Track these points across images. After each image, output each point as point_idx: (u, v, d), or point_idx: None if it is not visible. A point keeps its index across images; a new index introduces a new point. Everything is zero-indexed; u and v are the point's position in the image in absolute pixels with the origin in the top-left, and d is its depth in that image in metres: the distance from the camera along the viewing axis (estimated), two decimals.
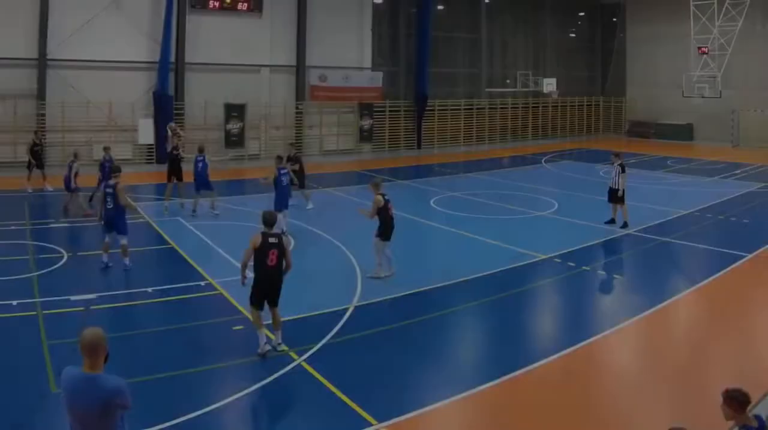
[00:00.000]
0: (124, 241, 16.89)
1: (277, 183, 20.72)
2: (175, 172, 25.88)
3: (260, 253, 11.86)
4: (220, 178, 31.03)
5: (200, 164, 23.67)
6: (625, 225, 22.51)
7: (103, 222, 17.46)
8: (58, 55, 35.60)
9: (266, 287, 11.99)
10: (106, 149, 25.26)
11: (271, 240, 11.93)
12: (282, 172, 20.93)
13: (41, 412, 9.72)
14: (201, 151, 23.97)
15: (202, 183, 23.83)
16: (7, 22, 34.11)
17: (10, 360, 11.48)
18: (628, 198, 22.95)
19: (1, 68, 33.80)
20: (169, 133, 27.67)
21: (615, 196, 22.70)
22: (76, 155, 24.60)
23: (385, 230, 16.53)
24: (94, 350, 5.92)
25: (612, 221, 22.86)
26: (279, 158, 21.80)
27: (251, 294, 12.06)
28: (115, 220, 16.94)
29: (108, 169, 20.06)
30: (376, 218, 16.57)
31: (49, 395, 9.98)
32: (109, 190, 16.96)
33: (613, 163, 23.07)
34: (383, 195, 16.69)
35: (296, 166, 24.85)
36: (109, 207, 16.93)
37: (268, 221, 12.14)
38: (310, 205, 24.99)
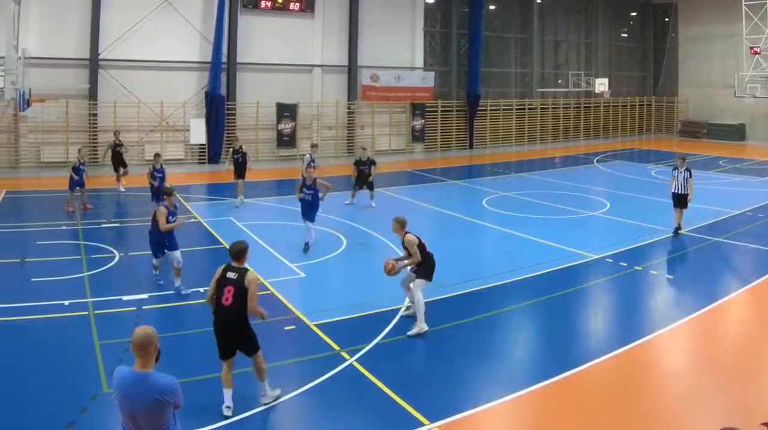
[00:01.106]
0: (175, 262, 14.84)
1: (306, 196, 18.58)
2: (239, 170, 25.38)
3: (218, 288, 9.56)
4: (271, 178, 30.62)
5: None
6: (678, 228, 20.94)
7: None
8: (110, 55, 34.15)
9: (222, 330, 9.52)
10: (156, 157, 23.05)
11: (230, 275, 9.50)
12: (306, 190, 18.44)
13: (93, 412, 9.32)
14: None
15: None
16: (59, 23, 32.83)
17: (62, 360, 11.08)
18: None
19: (53, 68, 32.31)
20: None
21: (683, 201, 20.80)
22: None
23: (429, 268, 12.90)
24: (145, 349, 5.79)
25: (678, 229, 20.88)
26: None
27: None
28: (163, 239, 14.85)
29: (160, 179, 20.60)
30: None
31: (101, 395, 9.68)
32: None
33: (678, 168, 20.98)
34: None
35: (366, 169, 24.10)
36: (150, 230, 15.06)
37: (232, 251, 9.79)
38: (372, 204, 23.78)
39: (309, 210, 18.44)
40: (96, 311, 13.17)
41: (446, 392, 10.13)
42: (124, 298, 13.92)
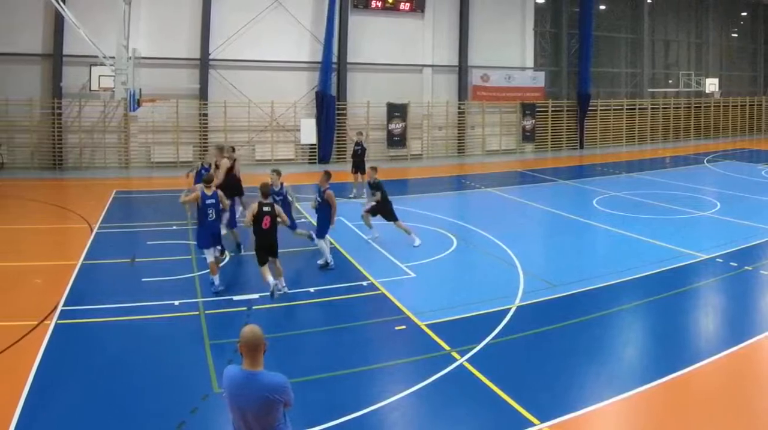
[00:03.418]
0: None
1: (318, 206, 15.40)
2: (358, 166, 23.75)
3: (257, 219, 12.50)
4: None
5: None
6: None
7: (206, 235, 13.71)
8: (220, 55, 30.43)
9: (265, 246, 12.69)
10: (275, 172, 16.51)
11: (265, 209, 12.60)
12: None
13: (204, 412, 8.43)
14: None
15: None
16: (169, 23, 29.50)
17: (172, 360, 10.14)
18: None
19: (163, 69, 28.65)
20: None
21: None
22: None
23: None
24: (254, 348, 5.27)
25: None
26: (327, 174, 15.28)
27: (256, 255, 12.81)
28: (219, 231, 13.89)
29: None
30: None
31: (212, 395, 8.80)
32: (213, 200, 13.58)
33: None
34: None
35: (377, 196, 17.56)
36: (212, 219, 13.54)
37: (263, 191, 12.78)
38: (417, 242, 17.01)
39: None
40: (206, 311, 12.10)
41: (556, 392, 9.18)
42: (235, 298, 12.81)
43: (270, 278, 12.66)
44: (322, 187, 14.83)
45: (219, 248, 13.57)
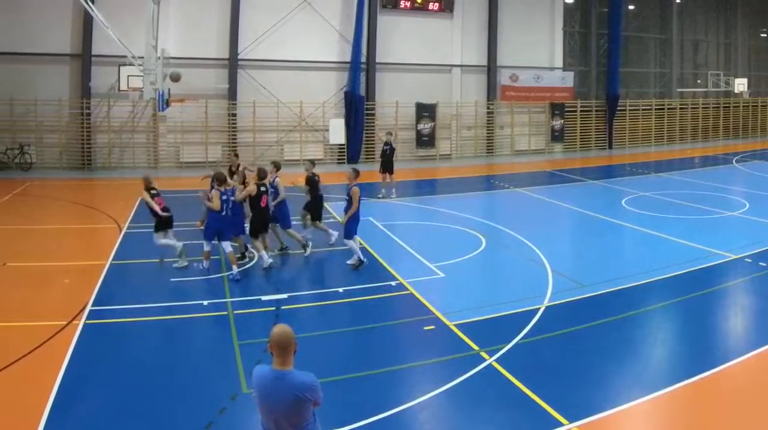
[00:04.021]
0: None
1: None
2: (386, 166, 23.07)
3: (256, 198, 13.83)
4: (410, 178, 27.11)
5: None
6: None
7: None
8: (249, 55, 29.45)
9: (261, 221, 13.95)
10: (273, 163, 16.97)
11: (262, 189, 13.96)
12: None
13: (232, 412, 8.14)
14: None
15: None
16: (198, 23, 28.64)
17: (201, 360, 9.89)
18: None
19: (193, 68, 27.51)
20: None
21: None
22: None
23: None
24: (284, 347, 5.10)
25: None
26: (354, 172, 14.95)
27: (251, 230, 13.94)
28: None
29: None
30: None
31: (240, 395, 8.49)
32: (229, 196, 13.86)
33: None
34: None
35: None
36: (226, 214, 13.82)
37: (260, 175, 14.14)
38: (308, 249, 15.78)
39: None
40: (235, 311, 11.78)
41: (585, 392, 8.87)
42: (264, 298, 12.47)
43: (264, 253, 13.70)
44: (349, 185, 14.39)
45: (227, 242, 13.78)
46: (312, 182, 15.64)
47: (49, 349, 9.95)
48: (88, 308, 11.65)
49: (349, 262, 14.34)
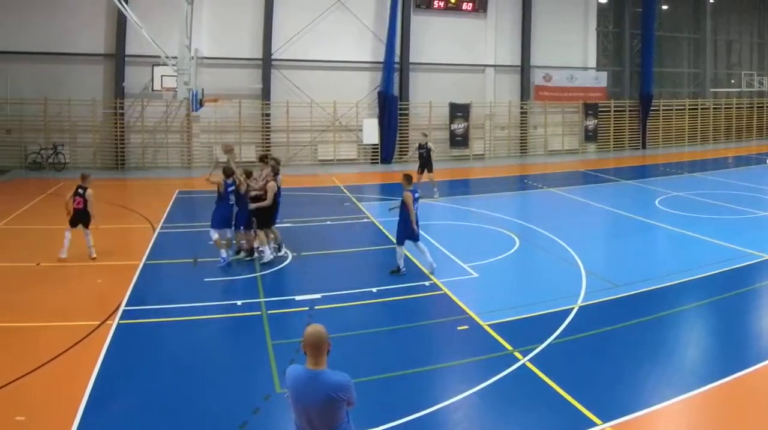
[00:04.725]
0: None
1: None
2: (424, 165, 22.46)
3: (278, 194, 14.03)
4: (444, 178, 25.60)
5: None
6: None
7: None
8: (283, 55, 28.44)
9: (273, 216, 14.13)
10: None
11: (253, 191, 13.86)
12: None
13: (266, 412, 8.00)
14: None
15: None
16: (231, 23, 27.68)
17: (235, 360, 9.61)
18: None
19: (227, 68, 26.79)
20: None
21: None
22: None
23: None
24: (317, 347, 4.94)
25: None
26: (406, 177, 13.72)
27: (263, 222, 13.87)
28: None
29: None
30: None
31: (274, 395, 8.30)
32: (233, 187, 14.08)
33: None
34: None
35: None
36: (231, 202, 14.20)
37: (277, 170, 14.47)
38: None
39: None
40: (269, 311, 11.52)
41: (618, 392, 8.54)
42: (297, 298, 12.24)
43: (267, 248, 13.97)
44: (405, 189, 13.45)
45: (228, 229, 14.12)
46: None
47: (83, 349, 9.77)
48: (122, 308, 11.44)
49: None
